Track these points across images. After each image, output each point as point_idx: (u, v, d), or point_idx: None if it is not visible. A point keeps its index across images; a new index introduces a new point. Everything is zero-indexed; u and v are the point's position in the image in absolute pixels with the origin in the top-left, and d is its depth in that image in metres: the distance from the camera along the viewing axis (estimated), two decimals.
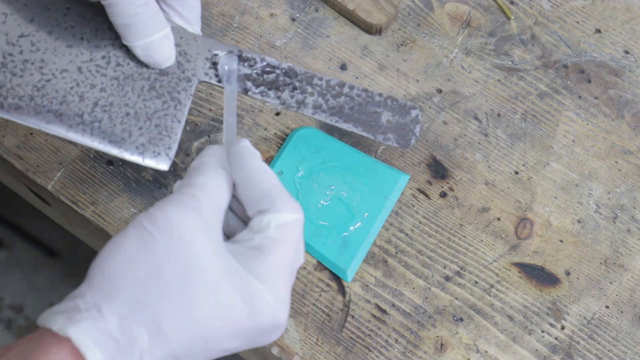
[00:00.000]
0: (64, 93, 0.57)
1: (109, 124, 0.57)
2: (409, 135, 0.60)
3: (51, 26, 0.58)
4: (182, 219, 0.47)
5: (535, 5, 0.77)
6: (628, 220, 0.70)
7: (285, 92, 0.59)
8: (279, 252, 0.49)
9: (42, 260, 1.57)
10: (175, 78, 0.58)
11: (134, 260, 0.46)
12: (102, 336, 0.44)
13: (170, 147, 0.57)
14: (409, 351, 0.66)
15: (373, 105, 0.60)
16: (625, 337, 0.67)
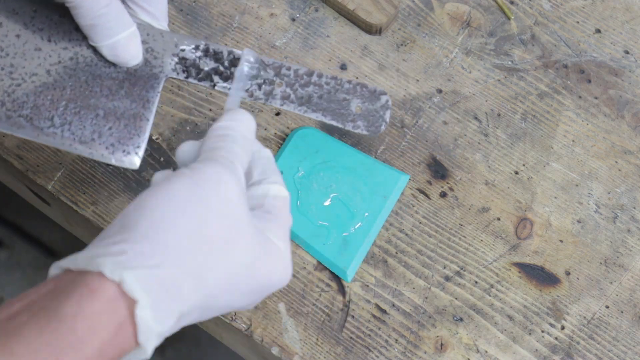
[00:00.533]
0: (34, 97, 0.57)
1: (79, 125, 0.57)
2: (379, 121, 0.60)
3: (19, 30, 0.58)
4: (228, 178, 0.49)
5: (535, 5, 0.77)
6: (628, 220, 0.70)
7: (253, 85, 0.59)
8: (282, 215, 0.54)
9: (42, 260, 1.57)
10: (143, 76, 0.58)
11: (185, 210, 0.47)
12: (153, 283, 0.44)
13: (139, 146, 0.58)
14: (409, 351, 0.66)
15: (342, 93, 0.60)
16: (625, 337, 0.67)
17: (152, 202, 0.47)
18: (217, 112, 0.72)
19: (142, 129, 0.58)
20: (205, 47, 0.59)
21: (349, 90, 0.60)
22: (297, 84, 0.59)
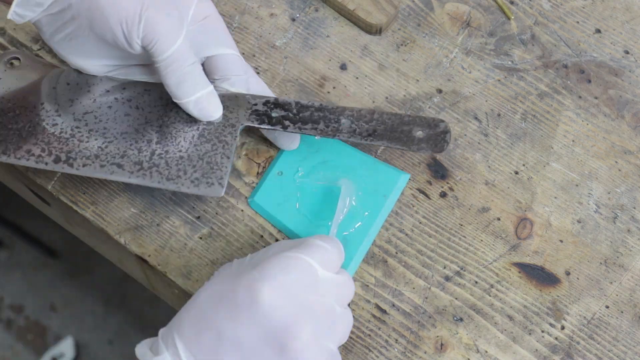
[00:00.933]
0: (124, 149, 0.65)
1: (165, 167, 0.65)
2: (442, 142, 0.66)
3: (110, 102, 0.67)
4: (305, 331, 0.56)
5: (535, 5, 0.77)
6: (628, 220, 0.70)
7: (321, 124, 0.66)
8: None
9: (42, 260, 1.57)
10: (220, 126, 0.66)
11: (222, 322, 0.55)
12: None
13: (222, 178, 0.65)
14: (409, 351, 0.66)
15: (403, 125, 0.66)
16: (625, 337, 0.67)
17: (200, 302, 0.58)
18: None
19: (223, 164, 0.65)
20: (274, 100, 0.67)
21: (409, 121, 0.67)
22: (361, 121, 0.66)
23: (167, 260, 0.68)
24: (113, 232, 0.69)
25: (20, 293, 1.55)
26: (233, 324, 0.55)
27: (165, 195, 0.70)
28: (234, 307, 0.55)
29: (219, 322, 0.55)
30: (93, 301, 1.54)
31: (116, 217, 0.69)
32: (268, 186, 0.69)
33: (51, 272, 1.57)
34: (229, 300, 0.55)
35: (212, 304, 0.56)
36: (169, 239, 0.69)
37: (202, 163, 0.65)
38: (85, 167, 0.64)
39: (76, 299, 1.54)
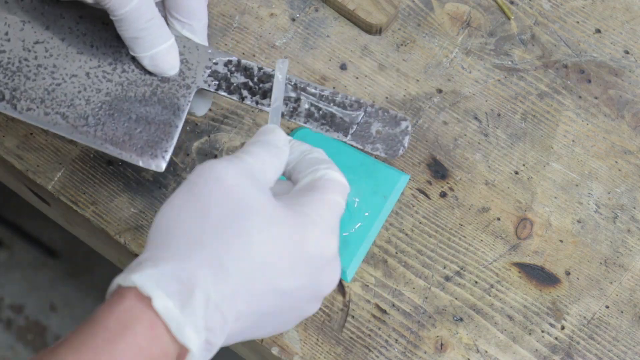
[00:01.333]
0: (72, 97, 0.61)
1: (111, 126, 0.61)
2: (397, 146, 0.61)
3: (64, 33, 0.62)
4: (223, 167, 0.50)
5: (535, 5, 0.77)
6: (628, 220, 0.70)
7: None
8: (328, 190, 0.52)
9: (42, 260, 1.57)
10: (175, 85, 0.62)
11: (182, 210, 0.49)
12: (164, 278, 0.46)
13: (166, 150, 0.61)
14: (409, 351, 0.66)
15: (365, 116, 0.62)
16: (625, 337, 0.67)
17: (157, 216, 0.50)
18: (217, 112, 0.72)
19: (170, 134, 0.61)
20: (237, 63, 0.62)
21: (370, 113, 0.62)
22: (321, 104, 0.62)
23: None
24: (113, 232, 0.69)
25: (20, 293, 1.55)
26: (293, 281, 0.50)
27: (165, 195, 0.70)
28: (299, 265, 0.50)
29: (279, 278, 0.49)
30: (93, 301, 1.54)
31: (116, 217, 0.69)
32: None
33: (51, 272, 1.57)
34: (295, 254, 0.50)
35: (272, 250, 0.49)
36: None
37: (150, 129, 0.61)
38: (29, 112, 0.60)
39: (76, 299, 1.54)
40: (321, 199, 0.52)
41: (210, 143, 0.71)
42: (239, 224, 0.48)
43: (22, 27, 0.62)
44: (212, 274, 0.47)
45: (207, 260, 0.47)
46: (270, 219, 0.49)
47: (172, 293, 0.45)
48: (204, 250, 0.47)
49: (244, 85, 0.62)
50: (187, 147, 0.71)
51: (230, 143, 0.71)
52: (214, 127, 0.72)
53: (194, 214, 0.49)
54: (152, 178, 0.70)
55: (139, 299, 0.46)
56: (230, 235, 0.48)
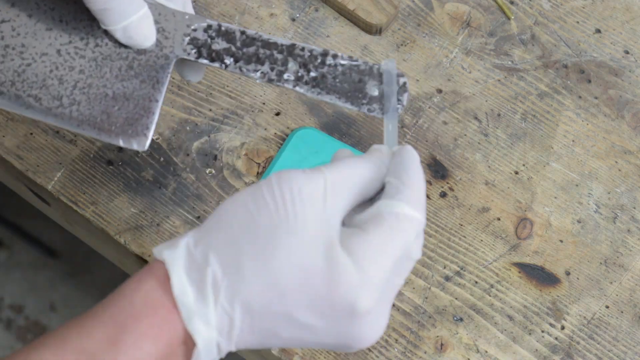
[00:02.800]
0: (44, 77, 0.57)
1: (87, 106, 0.57)
2: (396, 104, 0.56)
3: (31, 10, 0.58)
4: (298, 179, 0.48)
5: (535, 5, 0.77)
6: (628, 220, 0.70)
7: (265, 65, 0.57)
8: (381, 233, 0.47)
9: (42, 260, 1.57)
10: (153, 56, 0.58)
11: (238, 207, 0.48)
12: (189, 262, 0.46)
13: (148, 127, 0.57)
14: (409, 351, 0.66)
15: (357, 74, 0.57)
16: (625, 337, 0.67)
17: (223, 202, 0.49)
18: (217, 112, 0.72)
19: (151, 110, 0.57)
20: (217, 27, 0.58)
21: (364, 71, 0.57)
22: (310, 65, 0.58)
23: None
24: (113, 232, 0.69)
25: (20, 293, 1.55)
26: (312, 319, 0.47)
27: (165, 195, 0.70)
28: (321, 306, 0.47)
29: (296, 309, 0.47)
30: (93, 301, 1.54)
31: (116, 217, 0.69)
32: None
33: (51, 272, 1.57)
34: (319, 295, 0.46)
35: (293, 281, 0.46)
36: (169, 239, 0.69)
37: (129, 105, 0.57)
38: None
39: (76, 299, 1.54)
40: (369, 241, 0.47)
41: (210, 143, 0.71)
42: (274, 237, 0.46)
43: None
44: (225, 273, 0.46)
45: (231, 260, 0.46)
46: (307, 250, 0.46)
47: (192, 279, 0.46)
48: (233, 250, 0.46)
49: (226, 51, 0.58)
50: (187, 147, 0.71)
51: (230, 143, 0.72)
52: (214, 127, 0.72)
53: (246, 211, 0.47)
54: (152, 178, 0.70)
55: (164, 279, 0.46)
56: (262, 246, 0.46)
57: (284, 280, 0.46)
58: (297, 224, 0.47)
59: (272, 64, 0.57)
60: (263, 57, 0.57)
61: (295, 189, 0.47)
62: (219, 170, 0.71)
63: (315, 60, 0.57)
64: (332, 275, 0.46)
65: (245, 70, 0.57)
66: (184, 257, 0.47)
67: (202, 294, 0.46)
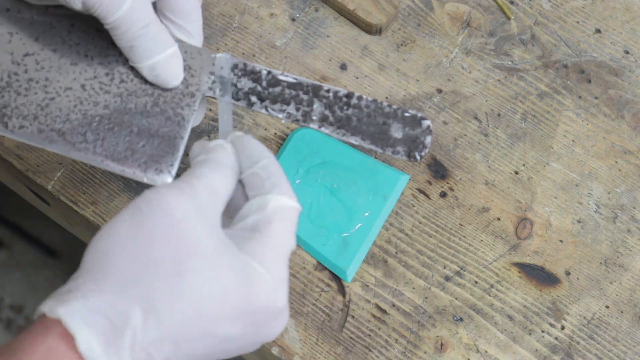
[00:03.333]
0: (67, 111, 0.57)
1: (112, 142, 0.56)
2: (420, 147, 0.58)
3: (56, 44, 0.58)
4: (174, 199, 0.46)
5: (535, 5, 0.77)
6: (628, 220, 0.70)
7: (291, 106, 0.58)
8: (275, 232, 0.48)
9: (42, 260, 1.57)
10: (178, 94, 0.58)
11: (125, 239, 0.45)
12: (93, 315, 0.43)
13: (172, 165, 0.57)
14: (409, 351, 0.66)
15: (382, 117, 0.58)
16: (625, 337, 0.67)
17: (97, 238, 0.46)
18: (217, 112, 0.72)
19: (176, 147, 0.57)
20: (243, 66, 0.58)
21: (389, 114, 0.58)
22: (335, 106, 0.58)
23: None
24: None
25: (20, 293, 1.55)
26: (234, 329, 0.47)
27: None
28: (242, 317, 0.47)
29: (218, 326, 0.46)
30: None
31: None
32: None
33: (51, 272, 1.57)
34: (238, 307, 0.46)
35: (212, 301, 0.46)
36: None
37: (153, 142, 0.57)
38: (21, 130, 0.56)
39: None
40: (269, 243, 0.48)
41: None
42: (179, 264, 0.45)
43: (9, 39, 0.58)
44: (143, 314, 0.44)
45: (142, 300, 0.44)
46: (214, 264, 0.46)
47: (99, 333, 0.43)
48: (138, 287, 0.44)
49: (252, 91, 0.58)
50: (187, 147, 0.71)
51: None
52: (214, 127, 0.72)
53: (135, 246, 0.45)
54: None
55: (64, 337, 0.43)
56: (167, 274, 0.45)
57: (201, 305, 0.45)
58: (193, 245, 0.45)
59: (297, 105, 0.58)
60: (289, 97, 0.58)
61: (183, 209, 0.46)
62: None
63: (339, 101, 0.58)
64: (248, 286, 0.46)
65: (270, 110, 0.58)
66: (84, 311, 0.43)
67: (115, 345, 0.43)
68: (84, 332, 0.42)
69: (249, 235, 0.48)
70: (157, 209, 0.46)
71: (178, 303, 0.44)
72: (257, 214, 0.49)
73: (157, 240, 0.45)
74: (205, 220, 0.47)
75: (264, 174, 0.50)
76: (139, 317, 0.44)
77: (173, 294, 0.44)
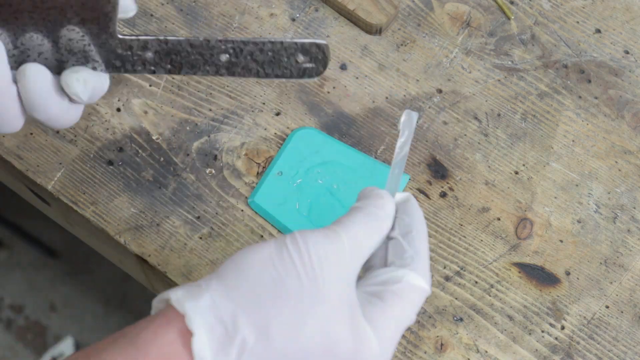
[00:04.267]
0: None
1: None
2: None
3: None
4: (319, 245, 0.48)
5: (535, 5, 0.77)
6: (628, 220, 0.70)
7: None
8: (398, 307, 0.49)
9: (42, 260, 1.57)
10: None
11: (263, 262, 0.47)
12: (214, 319, 0.45)
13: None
14: (409, 351, 0.66)
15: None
16: (625, 337, 0.67)
17: (240, 252, 0.48)
18: (217, 112, 0.72)
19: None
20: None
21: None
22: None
23: (167, 260, 0.68)
24: (113, 232, 0.69)
25: (20, 293, 1.55)
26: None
27: (165, 195, 0.70)
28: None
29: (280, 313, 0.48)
30: (93, 301, 1.54)
31: (116, 217, 0.69)
32: (268, 186, 0.69)
33: (51, 272, 1.57)
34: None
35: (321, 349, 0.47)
36: (169, 239, 0.69)
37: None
38: None
39: (76, 299, 1.54)
40: (389, 315, 0.49)
41: (210, 143, 0.71)
42: (304, 302, 0.47)
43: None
44: (257, 334, 0.46)
45: (260, 321, 0.46)
46: (335, 314, 0.47)
47: (213, 337, 0.45)
48: (261, 308, 0.46)
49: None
50: (187, 147, 0.71)
51: (230, 143, 0.72)
52: (214, 127, 0.72)
53: (271, 271, 0.47)
54: (152, 178, 0.70)
55: (182, 334, 0.45)
56: (291, 307, 0.47)
57: (310, 348, 0.47)
58: (324, 291, 0.47)
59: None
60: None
61: (322, 253, 0.48)
62: (219, 170, 0.71)
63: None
64: (357, 346, 0.47)
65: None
66: (208, 313, 0.46)
67: (224, 352, 0.45)
68: (201, 332, 0.45)
69: (375, 302, 0.49)
70: (300, 245, 0.48)
71: (291, 335, 0.46)
72: (388, 283, 0.50)
73: (292, 273, 0.47)
74: (341, 268, 0.48)
75: (409, 246, 0.51)
76: (253, 335, 0.46)
77: (289, 326, 0.46)
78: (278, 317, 0.46)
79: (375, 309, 0.49)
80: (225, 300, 0.46)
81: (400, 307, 0.49)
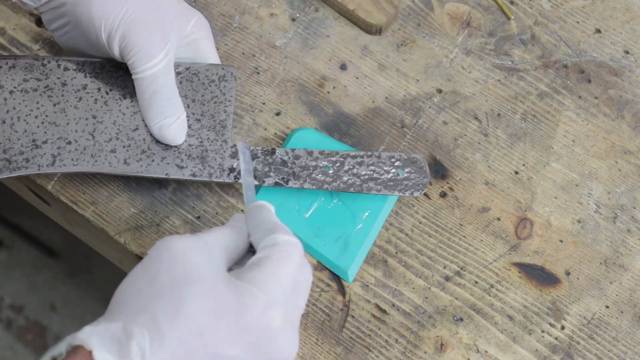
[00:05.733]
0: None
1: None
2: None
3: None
4: (178, 242, 0.52)
5: (535, 5, 0.77)
6: (628, 220, 0.70)
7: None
8: (272, 262, 0.53)
9: (42, 260, 1.57)
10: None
11: (135, 278, 0.52)
12: (105, 337, 0.49)
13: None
14: (409, 351, 0.66)
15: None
16: (625, 337, 0.67)
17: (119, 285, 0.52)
18: None
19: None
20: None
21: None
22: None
23: None
24: (113, 232, 0.69)
25: (20, 293, 1.55)
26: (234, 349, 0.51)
27: (165, 195, 0.70)
28: (240, 334, 0.51)
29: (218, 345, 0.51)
30: (93, 301, 1.54)
31: (116, 217, 0.69)
32: (268, 188, 0.69)
33: (51, 272, 1.56)
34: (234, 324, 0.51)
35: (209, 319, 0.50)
36: None
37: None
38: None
39: (76, 299, 1.54)
40: (265, 270, 0.52)
41: None
42: (179, 289, 0.50)
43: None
44: (150, 335, 0.49)
45: (148, 323, 0.49)
46: (211, 289, 0.50)
47: (111, 350, 0.48)
48: (145, 312, 0.49)
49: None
50: None
51: None
52: None
53: (142, 280, 0.51)
54: (152, 178, 0.70)
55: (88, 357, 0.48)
56: (170, 301, 0.50)
57: (199, 323, 0.49)
58: (193, 272, 0.51)
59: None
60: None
61: (181, 247, 0.52)
62: None
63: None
64: (241, 303, 0.50)
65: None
66: (98, 335, 0.49)
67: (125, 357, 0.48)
68: (99, 349, 0.48)
69: (248, 268, 0.53)
70: (161, 248, 0.52)
71: (178, 322, 0.49)
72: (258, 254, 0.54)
73: (160, 272, 0.51)
74: (207, 256, 0.52)
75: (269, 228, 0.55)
76: (147, 338, 0.49)
77: (174, 315, 0.49)
78: (160, 313, 0.49)
79: (252, 272, 0.52)
80: (113, 321, 0.50)
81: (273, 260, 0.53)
